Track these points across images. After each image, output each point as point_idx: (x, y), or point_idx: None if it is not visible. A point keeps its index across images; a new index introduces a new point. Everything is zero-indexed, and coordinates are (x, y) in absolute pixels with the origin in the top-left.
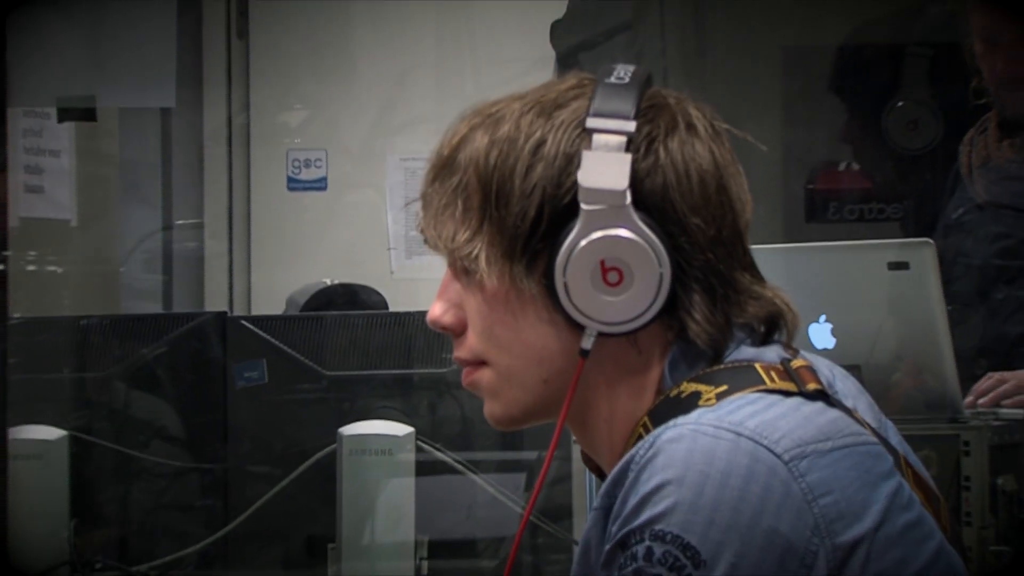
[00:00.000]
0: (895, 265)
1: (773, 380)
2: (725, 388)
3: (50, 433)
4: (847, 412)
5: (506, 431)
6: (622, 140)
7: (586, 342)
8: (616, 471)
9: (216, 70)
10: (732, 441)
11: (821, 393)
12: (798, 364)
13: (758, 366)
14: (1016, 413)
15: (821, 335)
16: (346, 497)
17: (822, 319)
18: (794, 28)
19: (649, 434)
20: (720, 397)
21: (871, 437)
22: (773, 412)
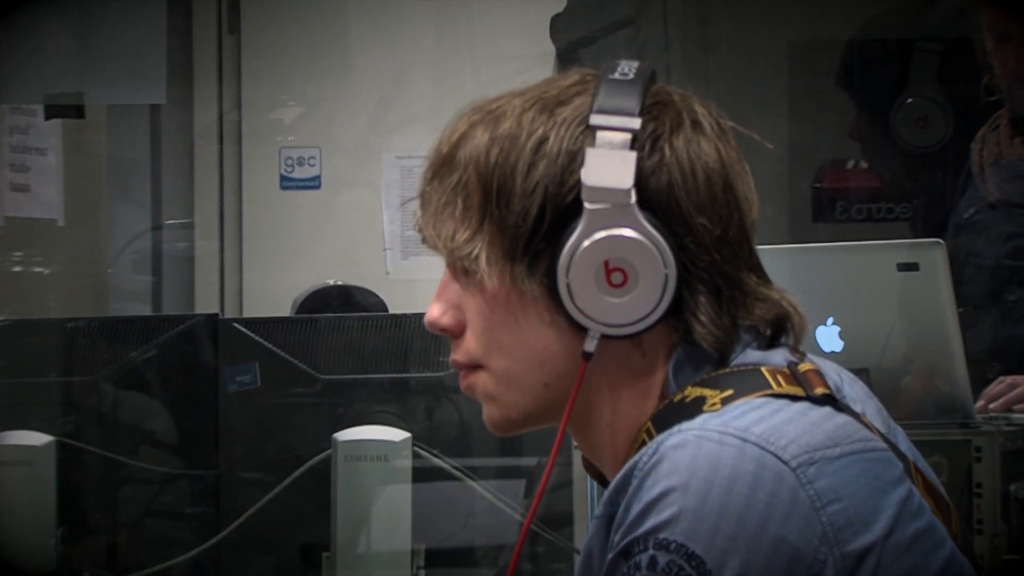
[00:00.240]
0: (904, 266)
1: (780, 384)
2: (731, 392)
3: (36, 439)
4: (855, 417)
5: (505, 436)
6: (626, 137)
7: (589, 344)
8: (619, 478)
9: (207, 66)
10: (738, 447)
11: (829, 398)
12: (805, 368)
13: (764, 370)
14: None
15: (829, 338)
16: (341, 504)
17: (829, 321)
18: (800, 23)
19: (653, 440)
20: (725, 402)
21: (880, 443)
22: (780, 417)
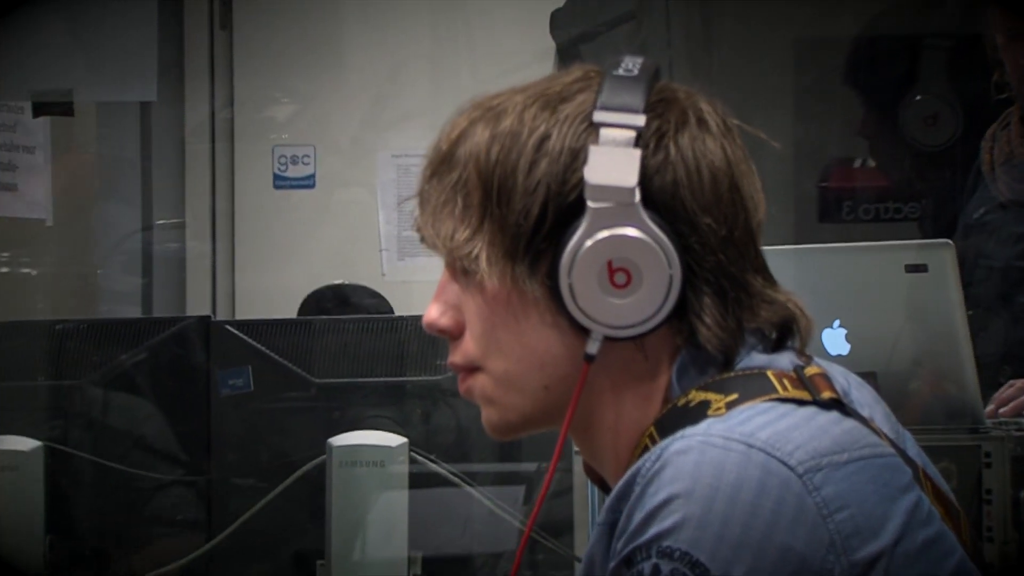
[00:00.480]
0: (913, 267)
1: (786, 388)
2: (735, 397)
3: (24, 444)
4: (863, 422)
5: (504, 440)
6: (631, 135)
7: (591, 346)
8: (621, 484)
9: (198, 62)
10: (743, 453)
11: (836, 402)
12: (812, 372)
13: (770, 373)
14: None
15: (835, 341)
16: (336, 511)
17: (836, 324)
18: (806, 19)
19: (656, 445)
20: (730, 406)
21: (888, 448)
22: (786, 422)
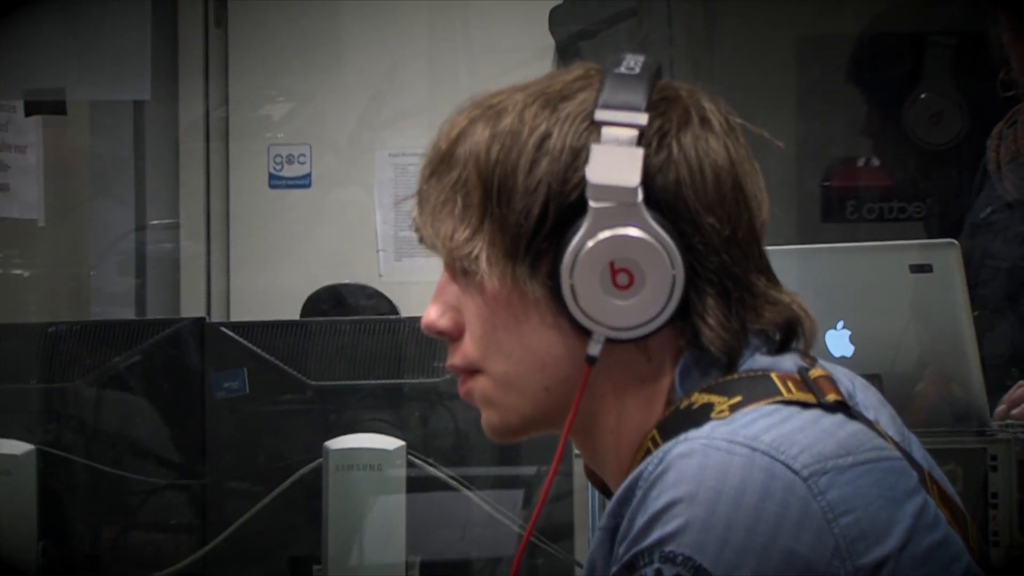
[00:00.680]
0: (917, 268)
1: (790, 391)
2: (739, 399)
3: (17, 447)
4: (869, 425)
5: (503, 443)
6: (633, 134)
7: (593, 348)
8: (623, 488)
9: (193, 60)
10: (746, 456)
11: (841, 405)
12: (816, 374)
13: (774, 376)
14: None
15: (839, 342)
16: (332, 515)
17: (840, 325)
18: (809, 16)
19: (658, 448)
20: (734, 409)
21: (894, 452)
22: (790, 425)
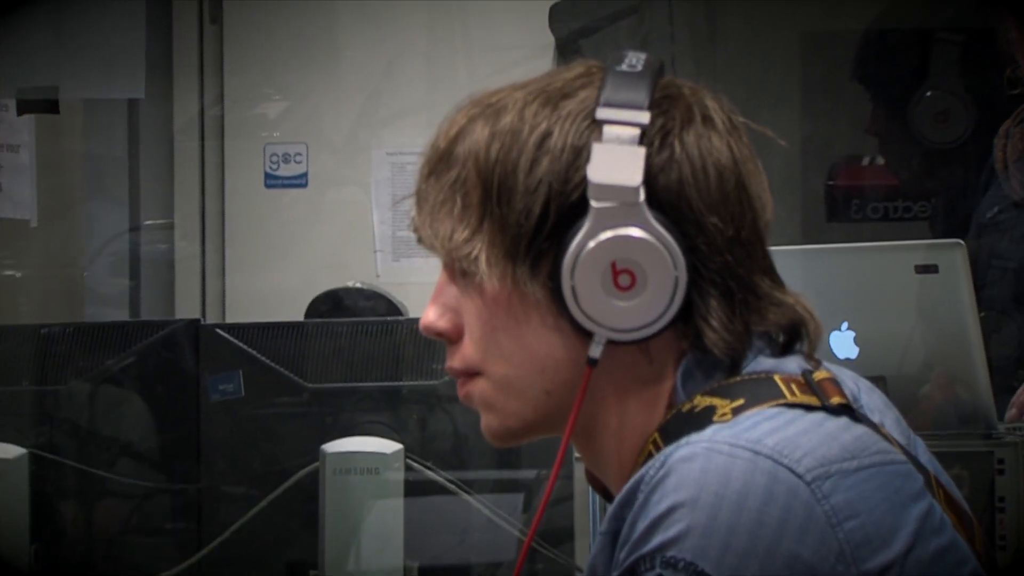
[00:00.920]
0: (923, 268)
1: (794, 393)
2: (742, 402)
3: (8, 451)
4: (873, 428)
5: (503, 447)
6: (635, 132)
7: (594, 350)
8: (624, 492)
9: (188, 58)
10: (749, 460)
11: (846, 408)
12: (821, 376)
13: (778, 378)
14: None
15: (843, 344)
16: (329, 520)
17: (844, 326)
18: (813, 13)
19: (660, 452)
20: (736, 412)
21: (899, 455)
22: (794, 428)
